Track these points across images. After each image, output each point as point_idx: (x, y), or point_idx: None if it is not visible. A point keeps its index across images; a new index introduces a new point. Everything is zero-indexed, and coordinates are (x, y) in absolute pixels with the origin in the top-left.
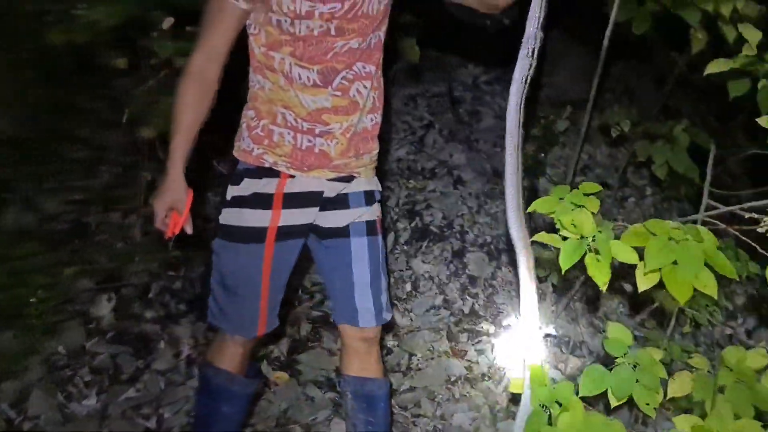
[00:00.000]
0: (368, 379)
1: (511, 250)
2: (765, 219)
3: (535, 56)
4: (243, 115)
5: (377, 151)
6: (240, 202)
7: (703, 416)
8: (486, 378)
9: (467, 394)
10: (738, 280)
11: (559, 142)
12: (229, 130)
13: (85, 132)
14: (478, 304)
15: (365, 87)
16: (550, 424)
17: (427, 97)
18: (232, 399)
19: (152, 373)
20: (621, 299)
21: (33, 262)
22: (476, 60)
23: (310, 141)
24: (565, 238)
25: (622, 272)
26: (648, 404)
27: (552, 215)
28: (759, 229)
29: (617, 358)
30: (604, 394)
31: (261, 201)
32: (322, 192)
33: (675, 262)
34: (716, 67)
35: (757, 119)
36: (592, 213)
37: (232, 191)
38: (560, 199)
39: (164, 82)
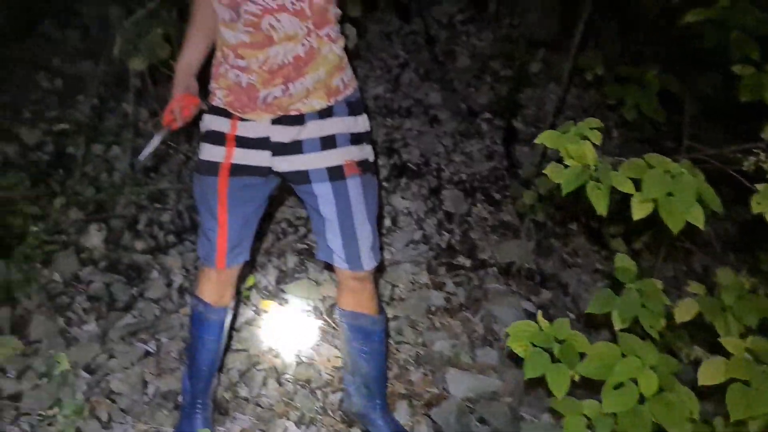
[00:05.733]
0: (361, 314)
1: (484, 188)
2: (749, 158)
3: None
4: None
5: (321, 79)
6: (205, 136)
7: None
8: (463, 309)
9: (446, 323)
10: (720, 214)
11: (532, 84)
12: None
13: (58, 62)
14: (455, 240)
15: (277, 20)
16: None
17: (402, 35)
18: (208, 327)
19: (146, 301)
20: (587, 237)
21: (20, 192)
22: None
23: (237, 76)
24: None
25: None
26: (652, 327)
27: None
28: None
29: (625, 284)
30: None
31: (217, 138)
32: (268, 137)
33: (670, 194)
34: (694, 16)
35: (732, 68)
36: (594, 145)
37: (202, 126)
38: (564, 133)
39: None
